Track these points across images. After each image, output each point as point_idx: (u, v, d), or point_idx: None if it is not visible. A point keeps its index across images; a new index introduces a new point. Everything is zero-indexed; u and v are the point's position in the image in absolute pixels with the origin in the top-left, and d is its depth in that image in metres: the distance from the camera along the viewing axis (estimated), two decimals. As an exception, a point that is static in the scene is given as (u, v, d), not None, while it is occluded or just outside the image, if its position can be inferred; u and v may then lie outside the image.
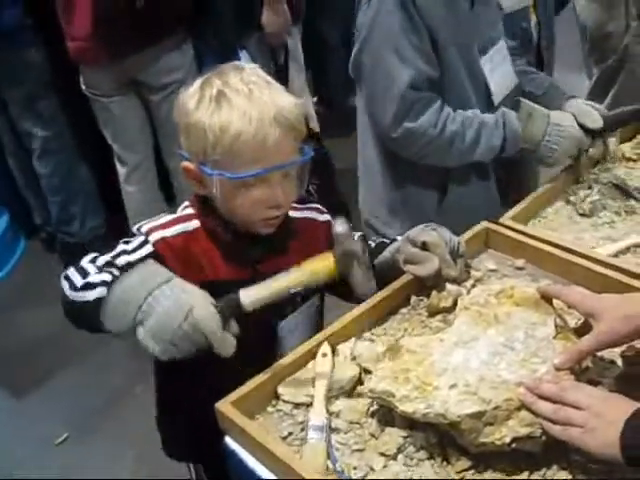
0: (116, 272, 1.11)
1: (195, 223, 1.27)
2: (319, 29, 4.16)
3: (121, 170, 2.91)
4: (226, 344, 1.04)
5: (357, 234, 1.29)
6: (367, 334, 1.27)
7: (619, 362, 1.14)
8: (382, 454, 1.04)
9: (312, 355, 1.20)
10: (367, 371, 1.16)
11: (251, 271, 1.27)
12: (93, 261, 1.17)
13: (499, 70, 1.75)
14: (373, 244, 1.43)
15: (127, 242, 1.23)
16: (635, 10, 2.20)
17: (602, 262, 1.35)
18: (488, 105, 1.72)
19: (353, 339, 1.25)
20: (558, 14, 2.16)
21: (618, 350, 1.13)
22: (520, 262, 1.42)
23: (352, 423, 1.11)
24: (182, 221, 1.27)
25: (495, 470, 1.00)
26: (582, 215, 1.62)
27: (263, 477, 1.05)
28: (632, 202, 1.63)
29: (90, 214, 3.31)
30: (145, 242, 1.22)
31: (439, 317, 1.28)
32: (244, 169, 1.18)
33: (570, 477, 0.98)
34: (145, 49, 2.57)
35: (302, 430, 1.10)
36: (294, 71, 3.01)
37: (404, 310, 1.32)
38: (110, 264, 1.16)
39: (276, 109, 1.19)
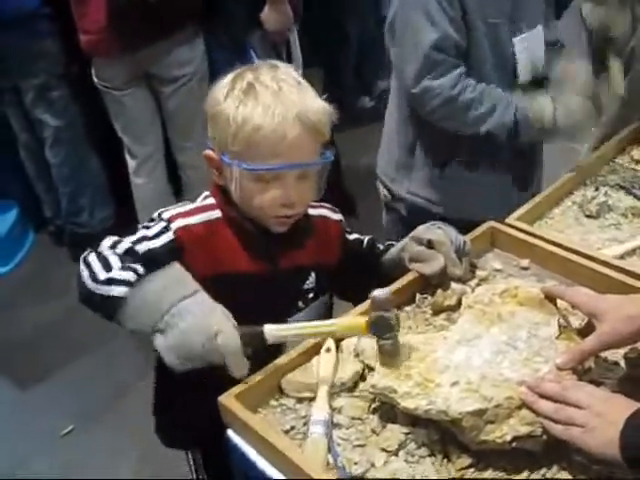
0: (139, 269, 1.11)
1: (217, 213, 1.28)
2: (337, 27, 4.16)
3: (131, 163, 2.92)
4: (241, 367, 1.07)
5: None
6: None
7: (622, 363, 1.14)
8: (383, 450, 1.04)
9: (316, 350, 1.20)
10: (370, 368, 1.17)
11: (269, 265, 1.28)
12: (113, 247, 1.17)
13: (530, 53, 1.77)
14: (381, 246, 1.44)
15: (147, 227, 1.22)
16: None
17: (607, 263, 1.34)
18: (512, 86, 1.75)
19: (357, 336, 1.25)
20: (559, 18, 2.16)
21: (621, 351, 1.13)
22: (525, 262, 1.43)
23: (354, 419, 1.11)
24: (205, 210, 1.27)
25: (495, 469, 1.00)
26: (588, 216, 1.61)
27: (265, 471, 1.06)
28: (638, 204, 1.63)
29: (99, 205, 3.33)
30: (166, 228, 1.22)
31: (443, 315, 1.29)
32: (262, 163, 1.19)
33: (570, 477, 0.98)
34: (157, 42, 2.58)
35: (304, 424, 1.10)
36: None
37: (408, 308, 1.33)
38: (131, 252, 1.16)
39: (301, 108, 1.20)
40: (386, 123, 1.98)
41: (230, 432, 1.11)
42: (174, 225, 1.22)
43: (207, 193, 1.33)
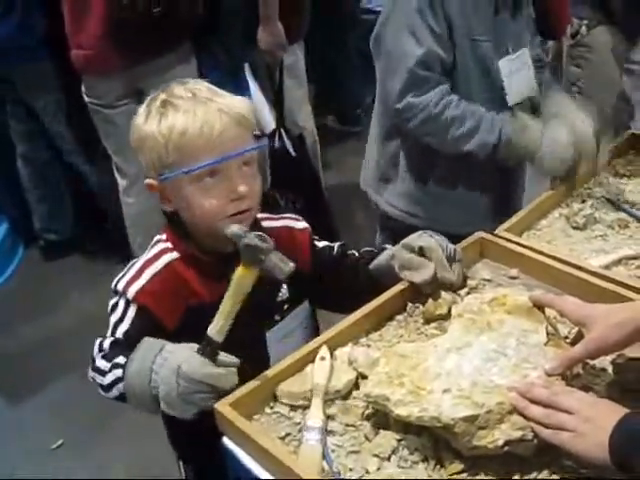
0: (121, 360, 1.17)
1: (164, 260, 1.29)
2: (340, 44, 4.24)
3: (121, 182, 2.93)
4: (227, 379, 1.10)
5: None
6: (364, 340, 1.29)
7: (610, 370, 1.16)
8: (376, 456, 1.06)
9: (310, 358, 1.22)
10: (363, 376, 1.18)
11: None
12: (100, 349, 1.23)
13: (518, 75, 1.79)
14: (356, 253, 1.45)
15: (113, 311, 1.27)
16: None
17: (594, 273, 1.37)
18: (502, 106, 1.77)
19: (350, 344, 1.27)
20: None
21: (609, 358, 1.15)
22: (514, 272, 1.45)
23: (348, 426, 1.13)
24: (149, 264, 1.29)
25: (487, 473, 1.02)
26: (575, 228, 1.64)
27: (260, 477, 1.07)
28: (624, 216, 1.66)
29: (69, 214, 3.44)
30: (127, 303, 1.26)
31: (434, 324, 1.31)
32: (198, 164, 1.20)
33: (561, 480, 1.00)
34: (155, 58, 2.60)
35: (299, 431, 1.12)
36: (292, 87, 3.03)
37: (400, 317, 1.34)
38: (114, 343, 1.23)
39: (220, 104, 1.23)
40: (370, 135, 2.00)
41: (225, 439, 1.12)
42: (130, 294, 1.26)
43: (157, 238, 1.34)
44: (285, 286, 1.35)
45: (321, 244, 1.45)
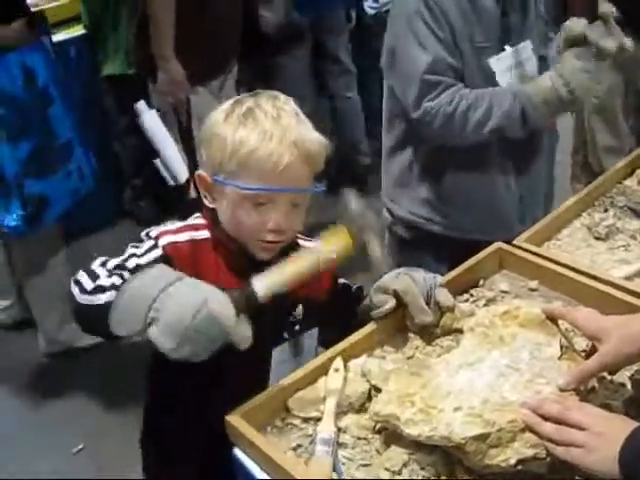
0: (127, 275, 1.10)
1: (203, 233, 1.28)
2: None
3: None
4: (243, 335, 1.02)
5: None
6: (378, 351, 1.28)
7: (628, 385, 1.14)
8: (387, 469, 1.05)
9: (324, 370, 1.21)
10: (376, 388, 1.17)
11: None
12: (103, 264, 1.16)
13: (518, 70, 1.77)
14: (354, 287, 1.44)
15: (136, 246, 1.23)
16: None
17: (616, 285, 1.35)
18: None
19: (364, 356, 1.26)
20: None
21: (627, 373, 1.13)
22: (533, 283, 1.43)
23: (359, 439, 1.12)
24: (192, 229, 1.28)
25: (500, 490, 1.01)
26: (597, 238, 1.62)
27: (271, 489, 1.07)
28: (647, 226, 1.64)
29: None
30: (154, 246, 1.22)
31: (450, 336, 1.29)
32: (256, 184, 1.20)
33: (575, 498, 0.98)
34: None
35: (311, 443, 1.11)
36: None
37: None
38: (121, 267, 1.15)
39: (298, 135, 1.21)
40: (383, 148, 1.98)
41: (237, 450, 1.12)
42: (161, 242, 1.23)
43: (198, 214, 1.33)
44: (301, 306, 1.33)
45: (341, 281, 1.44)
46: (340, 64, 3.81)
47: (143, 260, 1.19)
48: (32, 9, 2.74)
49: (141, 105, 2.60)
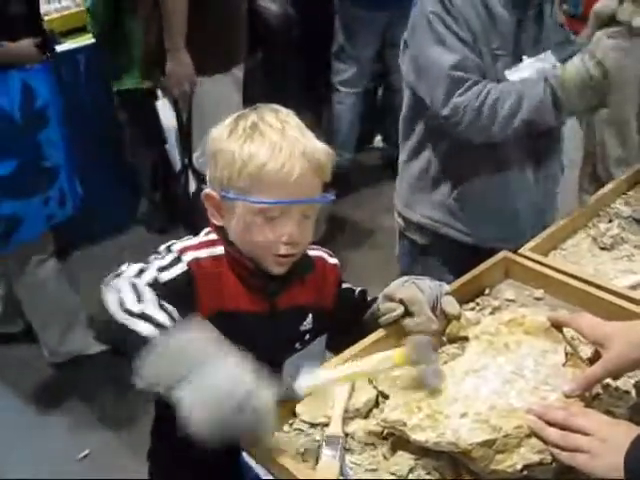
0: (174, 312, 1.07)
1: (220, 249, 1.27)
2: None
3: None
4: (269, 429, 1.02)
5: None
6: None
7: (633, 392, 1.15)
8: (393, 474, 1.06)
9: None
10: (383, 395, 1.19)
11: (269, 304, 1.27)
12: (139, 275, 1.14)
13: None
14: (369, 298, 1.43)
15: (158, 257, 1.21)
16: None
17: (620, 294, 1.36)
18: None
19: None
20: None
21: (632, 380, 1.14)
22: (539, 292, 1.44)
23: (366, 444, 1.13)
24: (211, 245, 1.27)
25: (507, 495, 1.02)
26: (602, 249, 1.63)
27: (278, 493, 1.08)
28: (652, 236, 1.65)
29: None
30: (178, 259, 1.21)
31: (456, 344, 1.31)
32: (268, 198, 1.19)
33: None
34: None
35: (318, 448, 1.12)
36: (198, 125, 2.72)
37: (422, 336, 1.34)
38: (156, 283, 1.14)
39: (306, 146, 1.21)
40: (401, 152, 1.98)
41: (244, 454, 1.13)
42: (185, 258, 1.22)
43: (208, 229, 1.31)
44: (311, 315, 1.34)
45: (345, 285, 1.44)
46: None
47: (171, 274, 1.18)
48: (44, 18, 2.75)
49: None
